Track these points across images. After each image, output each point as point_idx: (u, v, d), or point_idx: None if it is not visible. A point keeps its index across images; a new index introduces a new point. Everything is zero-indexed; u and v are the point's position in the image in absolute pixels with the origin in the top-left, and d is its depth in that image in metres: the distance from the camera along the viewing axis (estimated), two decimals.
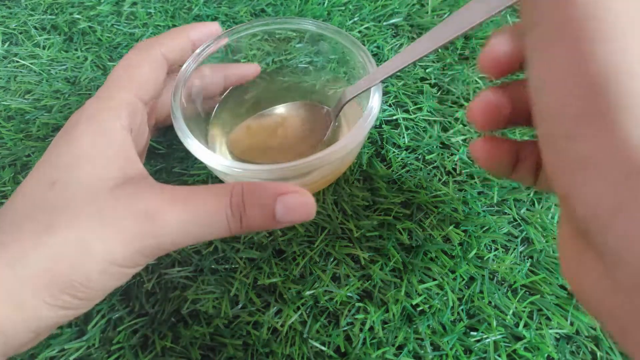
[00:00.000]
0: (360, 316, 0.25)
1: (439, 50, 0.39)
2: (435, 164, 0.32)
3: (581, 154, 0.14)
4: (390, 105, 0.35)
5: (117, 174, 0.21)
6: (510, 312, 0.25)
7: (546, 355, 0.24)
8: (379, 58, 0.38)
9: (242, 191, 0.21)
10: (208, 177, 0.31)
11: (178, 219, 0.20)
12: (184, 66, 0.28)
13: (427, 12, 0.42)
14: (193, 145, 0.24)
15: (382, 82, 0.25)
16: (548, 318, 0.25)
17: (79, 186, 0.20)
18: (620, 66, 0.14)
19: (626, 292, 0.13)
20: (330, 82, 0.33)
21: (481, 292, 0.26)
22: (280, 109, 0.30)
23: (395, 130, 0.33)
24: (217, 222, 0.21)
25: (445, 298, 0.26)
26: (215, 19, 0.42)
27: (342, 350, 0.24)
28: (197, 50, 0.28)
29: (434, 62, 0.38)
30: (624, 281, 0.14)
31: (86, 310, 0.21)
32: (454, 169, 0.31)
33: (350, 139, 0.23)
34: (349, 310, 0.26)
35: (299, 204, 0.21)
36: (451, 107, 0.35)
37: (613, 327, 0.14)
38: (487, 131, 0.24)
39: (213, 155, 0.23)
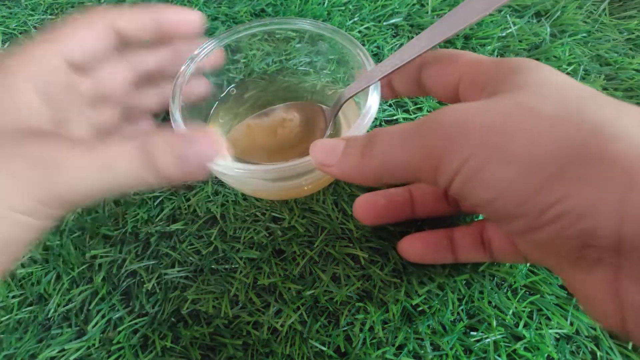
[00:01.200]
0: (360, 316, 0.25)
1: (438, 48, 0.39)
2: None
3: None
4: (390, 105, 0.35)
5: (17, 124, 0.20)
6: (510, 312, 0.25)
7: (546, 355, 0.24)
8: (378, 58, 0.38)
9: (152, 141, 0.20)
10: (208, 177, 0.31)
11: (80, 163, 0.19)
12: (182, 67, 0.28)
13: (427, 12, 0.42)
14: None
15: (381, 80, 0.25)
16: (548, 318, 0.25)
17: None
18: None
19: None
20: (330, 82, 0.33)
21: (481, 292, 0.26)
22: (280, 109, 0.30)
23: None
24: (126, 167, 0.20)
25: (445, 298, 0.26)
26: (215, 19, 0.42)
27: (342, 350, 0.24)
28: (195, 51, 0.28)
29: None
30: None
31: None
32: None
33: (351, 133, 0.23)
34: (349, 310, 0.26)
35: (207, 144, 0.21)
36: None
37: None
38: (372, 225, 0.29)
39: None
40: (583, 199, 0.15)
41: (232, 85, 0.32)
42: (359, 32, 0.40)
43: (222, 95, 0.32)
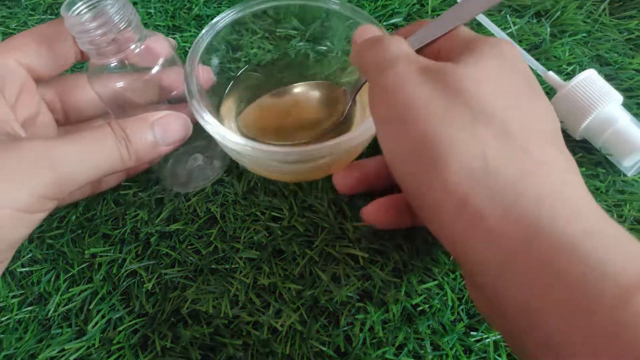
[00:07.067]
0: (360, 316, 0.25)
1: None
2: None
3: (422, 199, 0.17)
4: None
5: None
6: None
7: None
8: None
9: (120, 125, 0.22)
10: None
11: (71, 148, 0.20)
12: (198, 37, 0.27)
13: (427, 12, 0.42)
14: (210, 122, 0.23)
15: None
16: None
17: None
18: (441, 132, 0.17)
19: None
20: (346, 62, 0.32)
21: None
22: (295, 89, 0.30)
23: None
24: (107, 148, 0.21)
25: (445, 298, 0.26)
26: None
27: (342, 350, 0.24)
28: (213, 21, 0.28)
29: None
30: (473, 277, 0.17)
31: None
32: None
33: (370, 124, 0.23)
34: (349, 310, 0.26)
35: (173, 123, 0.23)
36: None
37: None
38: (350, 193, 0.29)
39: (229, 133, 0.23)
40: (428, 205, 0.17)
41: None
42: None
43: (238, 74, 0.32)
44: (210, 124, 0.23)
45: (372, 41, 0.21)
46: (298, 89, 0.30)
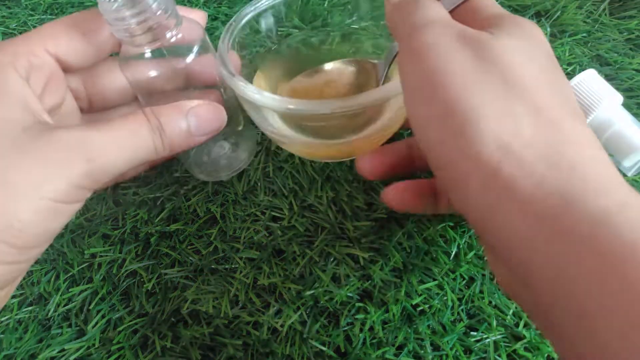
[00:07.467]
0: (360, 316, 0.25)
1: None
2: None
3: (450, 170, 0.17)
4: None
5: (26, 117, 0.20)
6: (510, 312, 0.25)
7: (546, 355, 0.24)
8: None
9: (154, 113, 0.21)
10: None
11: (106, 138, 0.20)
12: (242, 10, 0.27)
13: None
14: (248, 87, 0.22)
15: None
16: None
17: None
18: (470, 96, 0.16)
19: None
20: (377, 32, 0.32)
21: (481, 292, 0.26)
22: (327, 67, 0.29)
23: None
24: (142, 138, 0.21)
25: (445, 298, 0.26)
26: (215, 19, 0.42)
27: (342, 350, 0.24)
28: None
29: None
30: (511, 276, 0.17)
31: (29, 264, 0.20)
32: None
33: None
34: (349, 310, 0.26)
35: (208, 113, 0.23)
36: None
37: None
38: (377, 179, 0.28)
39: (271, 95, 0.22)
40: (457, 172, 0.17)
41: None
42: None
43: (274, 47, 0.31)
44: (248, 87, 0.22)
45: (406, 2, 0.20)
46: (329, 67, 0.29)
